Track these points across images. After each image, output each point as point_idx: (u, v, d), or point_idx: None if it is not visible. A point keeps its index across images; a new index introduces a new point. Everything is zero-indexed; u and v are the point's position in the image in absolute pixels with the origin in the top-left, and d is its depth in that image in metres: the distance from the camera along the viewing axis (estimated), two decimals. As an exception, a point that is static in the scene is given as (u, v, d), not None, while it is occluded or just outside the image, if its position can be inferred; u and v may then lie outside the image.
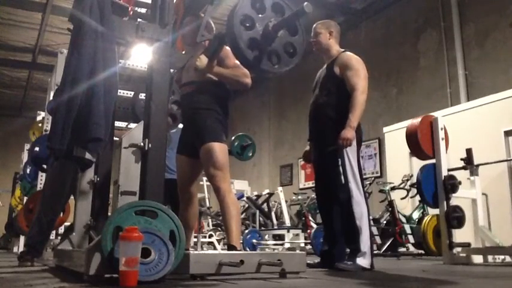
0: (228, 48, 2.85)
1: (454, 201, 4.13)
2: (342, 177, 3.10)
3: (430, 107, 7.08)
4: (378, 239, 6.26)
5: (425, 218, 5.84)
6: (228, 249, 2.76)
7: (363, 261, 3.00)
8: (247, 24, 2.43)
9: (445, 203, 4.06)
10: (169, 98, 3.04)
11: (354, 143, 3.13)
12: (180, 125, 4.16)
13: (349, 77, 3.18)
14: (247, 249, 6.12)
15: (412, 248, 6.31)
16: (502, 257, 4.17)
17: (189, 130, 3.02)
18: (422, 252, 6.00)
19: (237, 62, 2.83)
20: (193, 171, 3.08)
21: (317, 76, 3.49)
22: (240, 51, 2.40)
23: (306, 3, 2.36)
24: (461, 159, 4.36)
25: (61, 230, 5.87)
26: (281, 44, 2.49)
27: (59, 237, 5.19)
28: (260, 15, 2.46)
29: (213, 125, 2.88)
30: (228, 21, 2.43)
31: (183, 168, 3.08)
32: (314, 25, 3.45)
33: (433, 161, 4.17)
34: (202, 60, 2.92)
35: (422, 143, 4.12)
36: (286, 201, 8.06)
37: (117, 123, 4.39)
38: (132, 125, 4.53)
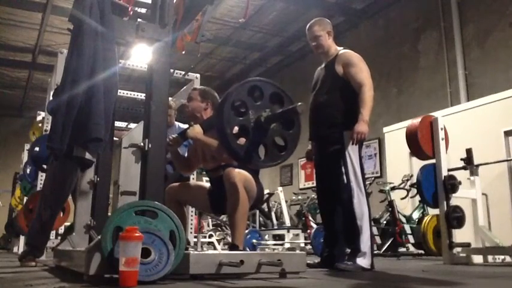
0: None
1: (454, 201, 4.12)
2: (344, 177, 3.09)
3: (430, 107, 7.08)
4: (378, 239, 6.26)
5: (425, 218, 5.83)
6: (231, 248, 2.76)
7: (363, 262, 3.00)
8: (240, 110, 2.30)
9: (445, 203, 4.06)
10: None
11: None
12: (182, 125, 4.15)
13: (354, 74, 3.16)
14: (247, 249, 6.12)
15: (412, 248, 6.30)
16: (502, 257, 4.17)
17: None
18: (422, 252, 6.00)
19: None
20: (197, 204, 3.20)
21: (316, 75, 3.47)
22: (225, 137, 2.26)
23: (299, 103, 2.28)
24: (461, 159, 4.36)
25: (61, 230, 5.87)
26: (272, 137, 2.36)
27: (59, 237, 5.19)
28: (256, 103, 2.33)
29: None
30: (220, 104, 2.34)
31: (196, 195, 3.14)
32: (309, 26, 3.39)
33: (433, 161, 4.17)
34: (195, 129, 2.95)
35: (422, 143, 4.12)
36: (286, 201, 8.06)
37: (117, 123, 4.41)
38: (132, 125, 4.54)
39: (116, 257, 1.90)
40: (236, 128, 2.33)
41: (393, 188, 6.52)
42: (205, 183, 3.36)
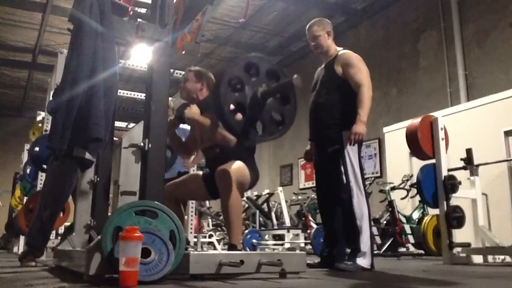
0: None
1: (454, 201, 4.13)
2: (344, 177, 3.10)
3: (430, 107, 7.08)
4: (378, 239, 6.26)
5: (425, 218, 5.84)
6: (229, 248, 2.76)
7: (363, 262, 3.00)
8: (236, 86, 2.31)
9: (445, 203, 4.06)
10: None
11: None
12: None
13: (353, 75, 3.17)
14: (247, 249, 6.12)
15: (412, 248, 6.31)
16: (502, 257, 4.17)
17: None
18: (422, 252, 6.00)
19: None
20: (195, 195, 3.15)
21: (316, 75, 3.47)
22: (223, 114, 2.27)
23: (295, 75, 2.27)
24: (461, 159, 4.36)
25: (61, 230, 5.87)
26: (269, 113, 2.36)
27: (59, 237, 5.19)
28: (252, 79, 2.33)
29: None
30: (216, 81, 2.34)
31: (193, 185, 3.11)
32: (309, 26, 3.39)
33: (433, 161, 4.17)
34: (192, 109, 2.93)
35: (422, 143, 4.12)
36: (286, 201, 8.06)
37: (117, 123, 4.40)
38: (132, 125, 4.53)
39: (116, 257, 1.90)
40: (233, 106, 2.33)
41: (393, 188, 6.52)
42: (199, 171, 3.34)
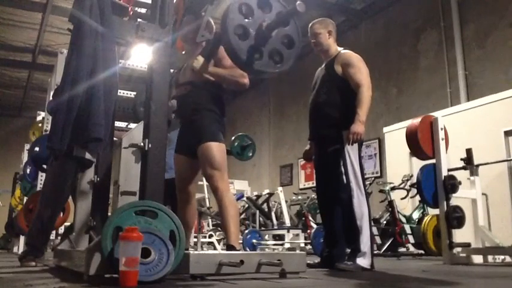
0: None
1: (454, 201, 4.13)
2: (344, 177, 3.10)
3: (430, 107, 7.09)
4: (378, 239, 6.26)
5: (425, 218, 5.83)
6: (227, 249, 2.77)
7: (363, 262, 3.00)
8: (242, 33, 2.35)
9: (445, 203, 4.06)
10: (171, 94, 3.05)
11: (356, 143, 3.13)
12: None
13: (352, 74, 3.18)
14: (247, 249, 6.12)
15: (412, 248, 6.30)
16: (502, 257, 4.17)
17: (187, 130, 3.03)
18: (422, 252, 6.00)
19: None
20: (191, 171, 3.08)
21: (316, 75, 3.48)
22: (243, 64, 2.35)
23: (298, 2, 2.29)
24: (461, 159, 4.36)
25: (61, 230, 5.88)
26: (278, 40, 2.42)
27: (59, 237, 5.19)
28: (250, 19, 2.37)
29: (210, 125, 2.89)
30: (223, 33, 2.36)
31: (182, 168, 3.07)
32: (311, 24, 3.41)
33: (433, 161, 4.17)
34: (199, 60, 2.93)
35: (422, 143, 4.12)
36: (286, 201, 8.06)
37: (117, 123, 4.40)
38: (132, 125, 4.54)
39: (116, 257, 1.90)
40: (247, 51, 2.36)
41: (393, 188, 6.51)
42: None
